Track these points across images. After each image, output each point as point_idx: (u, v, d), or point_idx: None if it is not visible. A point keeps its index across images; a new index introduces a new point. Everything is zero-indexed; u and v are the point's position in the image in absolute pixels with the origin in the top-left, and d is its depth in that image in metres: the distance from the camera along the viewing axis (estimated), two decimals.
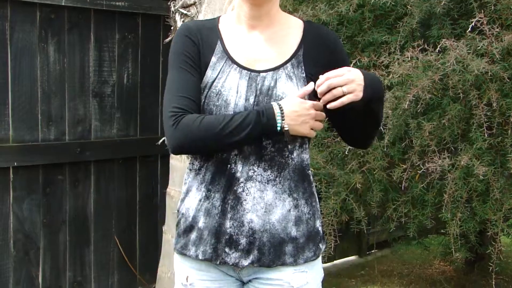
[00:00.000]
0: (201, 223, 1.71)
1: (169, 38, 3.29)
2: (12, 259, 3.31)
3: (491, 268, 3.23)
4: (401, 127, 3.32)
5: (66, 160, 3.48)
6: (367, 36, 3.48)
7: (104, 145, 3.62)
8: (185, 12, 3.13)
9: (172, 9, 3.21)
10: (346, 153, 3.41)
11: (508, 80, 2.99)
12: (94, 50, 3.57)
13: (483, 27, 2.96)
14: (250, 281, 1.75)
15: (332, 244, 3.66)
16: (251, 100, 1.68)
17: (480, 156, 3.10)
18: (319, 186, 3.60)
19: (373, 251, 5.40)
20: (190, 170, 1.76)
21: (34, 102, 3.35)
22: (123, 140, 3.72)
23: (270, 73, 1.70)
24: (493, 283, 3.38)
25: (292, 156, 1.72)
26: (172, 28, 3.27)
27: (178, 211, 1.81)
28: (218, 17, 1.83)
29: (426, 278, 4.82)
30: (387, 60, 3.24)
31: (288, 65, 1.72)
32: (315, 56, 1.76)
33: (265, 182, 1.68)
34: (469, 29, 2.97)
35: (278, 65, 1.72)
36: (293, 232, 1.71)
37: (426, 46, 3.11)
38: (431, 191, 3.37)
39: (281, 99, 1.67)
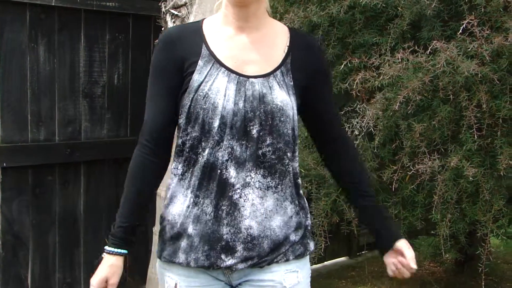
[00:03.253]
0: (191, 230, 1.68)
1: None
2: (1, 260, 3.29)
3: (480, 269, 3.23)
4: (391, 129, 3.33)
5: (56, 161, 3.46)
6: (358, 37, 3.49)
7: (94, 146, 3.61)
8: (176, 13, 3.13)
9: (163, 9, 3.21)
10: None
11: (498, 82, 3.00)
12: (85, 51, 3.56)
13: (473, 29, 2.97)
14: (240, 284, 1.74)
15: (323, 245, 3.66)
16: (240, 104, 1.65)
17: (470, 158, 3.11)
18: (310, 188, 3.61)
19: (363, 252, 5.41)
20: (175, 175, 1.74)
21: (23, 102, 3.33)
22: (113, 141, 3.71)
23: (260, 79, 1.69)
24: (483, 284, 3.39)
25: (291, 164, 1.73)
26: (163, 28, 3.27)
27: (161, 217, 1.78)
28: (202, 20, 1.81)
29: (416, 279, 4.82)
30: (378, 62, 3.25)
31: (278, 72, 1.71)
32: (302, 64, 1.75)
33: (265, 189, 1.67)
34: (459, 31, 2.97)
35: (268, 72, 1.70)
36: (292, 236, 1.73)
37: (416, 47, 3.11)
38: (421, 192, 3.38)
39: (277, 107, 1.66)
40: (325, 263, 5.09)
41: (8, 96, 3.27)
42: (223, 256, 1.66)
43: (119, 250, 1.78)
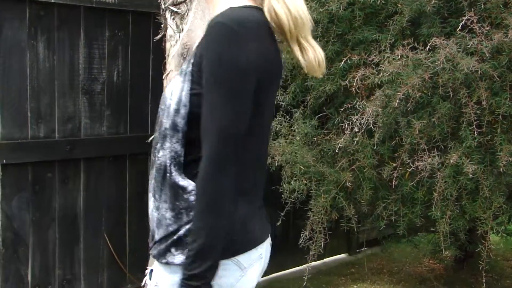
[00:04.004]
0: None
1: (159, 36, 3.28)
2: (1, 256, 3.29)
3: (480, 266, 3.24)
4: (391, 125, 3.33)
5: (56, 157, 3.46)
6: (358, 34, 3.49)
7: (94, 143, 3.61)
8: (175, 9, 3.12)
9: (162, 6, 3.20)
10: (336, 151, 3.41)
11: (497, 79, 3.00)
12: (84, 48, 3.56)
13: (473, 26, 2.97)
14: None
15: (322, 242, 3.67)
16: None
17: (469, 155, 3.11)
18: (309, 185, 3.61)
19: (363, 249, 5.41)
20: None
21: (23, 99, 3.33)
22: (113, 137, 3.71)
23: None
24: (483, 281, 3.39)
25: (159, 155, 1.58)
26: (162, 25, 3.26)
27: None
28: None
29: (416, 276, 4.83)
30: (377, 58, 3.25)
31: (187, 60, 1.59)
32: (199, 46, 1.56)
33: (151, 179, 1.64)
34: (459, 27, 2.97)
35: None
36: (156, 232, 1.60)
37: (416, 44, 3.11)
38: (421, 189, 3.38)
39: (164, 97, 1.60)
40: (325, 260, 5.10)
41: (8, 93, 3.27)
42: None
43: None
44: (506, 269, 5.02)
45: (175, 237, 1.55)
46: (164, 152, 1.57)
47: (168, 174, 1.56)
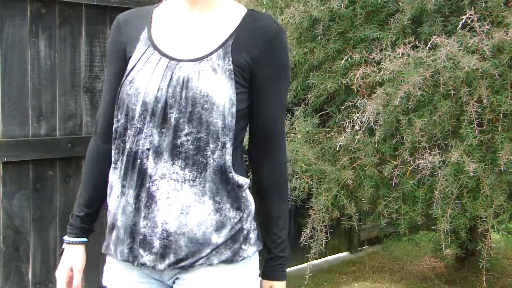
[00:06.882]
0: (119, 221, 1.61)
1: None
2: (2, 254, 3.30)
3: (481, 264, 3.24)
4: (392, 124, 3.33)
5: (57, 155, 3.46)
6: (359, 32, 3.49)
7: None
8: None
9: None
10: (337, 149, 3.41)
11: (498, 77, 3.00)
12: (85, 46, 3.56)
13: (474, 24, 2.97)
14: (174, 282, 1.63)
15: (323, 240, 3.67)
16: (164, 90, 1.53)
17: (470, 153, 3.12)
18: (311, 183, 3.61)
19: (364, 247, 5.42)
20: (111, 163, 1.66)
21: (24, 97, 3.33)
22: None
23: (191, 63, 1.56)
24: (484, 279, 3.40)
25: (214, 157, 1.55)
26: None
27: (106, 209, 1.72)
28: (159, 3, 1.73)
29: (417, 274, 4.83)
30: (379, 57, 3.25)
31: (214, 55, 1.56)
32: (246, 47, 1.58)
33: (182, 182, 1.54)
34: (460, 26, 2.97)
35: (202, 56, 1.57)
36: (214, 237, 1.57)
37: (417, 42, 3.11)
38: (422, 187, 3.39)
39: (201, 93, 1.52)
40: (326, 258, 5.10)
41: (9, 91, 3.27)
42: (141, 251, 1.57)
43: (78, 239, 1.83)
44: (506, 267, 5.02)
45: (244, 232, 1.62)
46: (222, 152, 1.56)
47: (230, 174, 1.58)
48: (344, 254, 5.35)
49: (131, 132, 1.57)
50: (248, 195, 1.64)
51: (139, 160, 1.55)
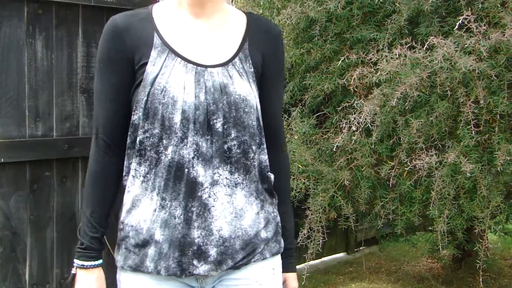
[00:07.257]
0: (158, 236, 1.56)
1: None
2: None
3: (478, 265, 3.24)
4: (389, 124, 3.33)
5: (54, 156, 3.46)
6: (356, 33, 3.49)
7: None
8: None
9: None
10: (334, 150, 3.42)
11: (495, 78, 3.00)
12: (82, 46, 3.56)
13: (471, 25, 2.97)
14: (213, 286, 1.64)
15: (320, 241, 3.67)
16: (201, 97, 1.54)
17: (467, 154, 3.12)
18: (308, 183, 3.61)
19: (361, 248, 5.43)
20: (134, 176, 1.60)
21: (21, 98, 3.33)
22: None
23: (219, 69, 1.58)
24: (481, 280, 3.40)
25: (255, 157, 1.62)
26: None
27: (122, 223, 1.66)
28: (151, 6, 1.67)
29: (414, 275, 4.84)
30: (375, 57, 3.25)
31: (237, 60, 1.61)
32: (259, 48, 1.66)
33: (233, 186, 1.57)
34: (457, 26, 2.97)
35: (227, 61, 1.60)
36: (263, 233, 1.64)
37: (414, 43, 3.11)
38: (418, 188, 3.39)
39: (240, 98, 1.56)
40: (323, 258, 5.11)
41: (6, 92, 3.27)
42: (195, 262, 1.55)
43: (99, 262, 1.78)
44: (503, 268, 5.02)
45: (280, 225, 1.73)
46: (260, 152, 1.66)
47: (267, 172, 1.68)
48: (341, 254, 5.36)
49: (169, 141, 1.54)
50: (272, 189, 1.73)
51: (186, 170, 1.54)
